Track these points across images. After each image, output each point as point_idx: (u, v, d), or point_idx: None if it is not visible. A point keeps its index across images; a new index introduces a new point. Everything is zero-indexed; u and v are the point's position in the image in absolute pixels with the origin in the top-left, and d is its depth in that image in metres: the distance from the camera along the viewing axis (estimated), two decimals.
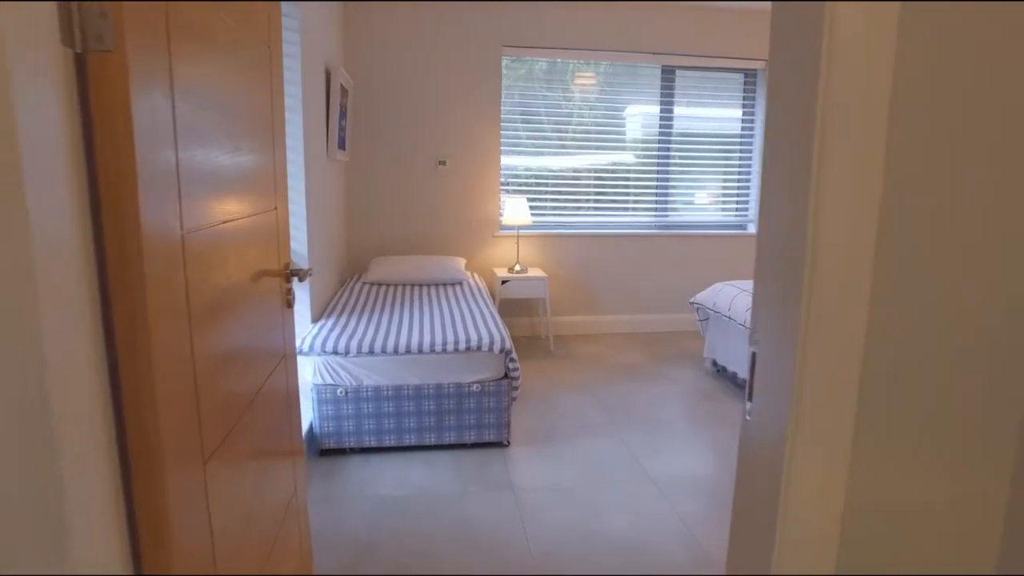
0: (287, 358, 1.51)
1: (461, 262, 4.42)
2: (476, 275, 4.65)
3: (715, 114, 5.15)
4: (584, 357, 4.55)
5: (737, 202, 5.32)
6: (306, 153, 3.01)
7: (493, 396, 2.98)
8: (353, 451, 2.96)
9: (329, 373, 2.86)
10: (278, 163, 1.45)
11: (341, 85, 3.86)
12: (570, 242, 5.03)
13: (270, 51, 1.42)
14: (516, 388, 3.05)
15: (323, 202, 3.55)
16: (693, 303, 4.32)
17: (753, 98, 5.16)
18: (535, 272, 4.73)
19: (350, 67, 4.49)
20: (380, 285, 4.14)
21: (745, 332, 3.76)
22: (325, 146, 3.68)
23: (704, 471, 2.90)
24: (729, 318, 3.87)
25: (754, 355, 0.85)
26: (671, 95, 5.00)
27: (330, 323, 3.09)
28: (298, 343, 2.82)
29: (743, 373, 3.84)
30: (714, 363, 4.26)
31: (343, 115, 4.07)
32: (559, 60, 4.82)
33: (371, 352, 2.82)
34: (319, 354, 2.81)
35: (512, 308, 5.02)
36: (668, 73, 4.97)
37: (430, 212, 4.80)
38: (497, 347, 2.90)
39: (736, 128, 5.20)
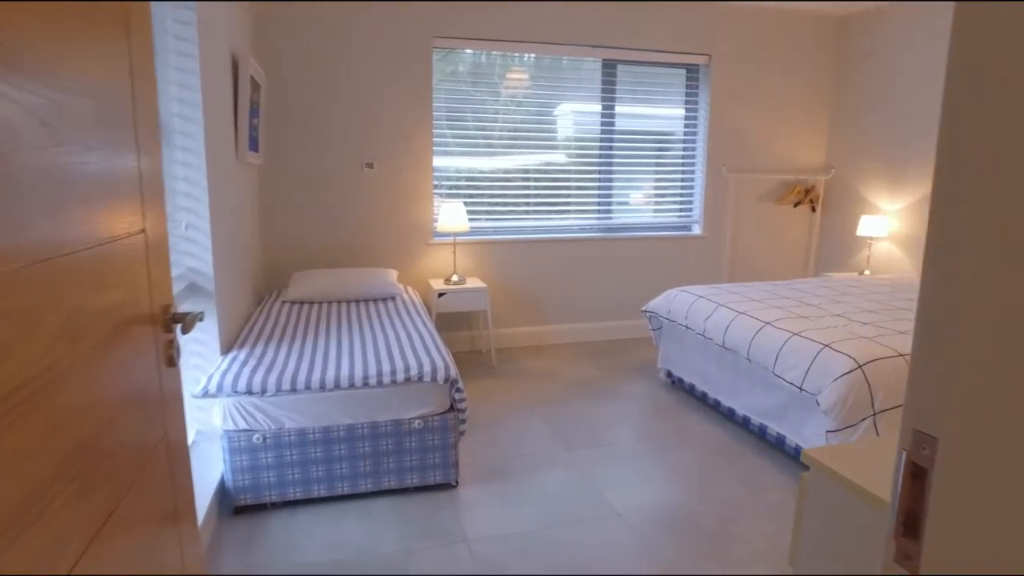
0: (169, 437, 1.10)
1: (393, 274, 4.01)
2: (410, 288, 4.25)
3: (658, 112, 4.93)
4: (531, 373, 4.22)
5: (681, 203, 5.13)
6: (209, 155, 2.54)
7: (438, 432, 2.60)
8: (275, 506, 2.52)
9: (243, 416, 2.41)
10: (147, 169, 1.05)
11: (252, 77, 3.38)
12: (510, 248, 4.70)
13: (129, 21, 1.01)
14: (464, 421, 2.68)
15: (232, 212, 3.08)
16: (645, 311, 4.06)
17: (696, 94, 4.97)
18: (474, 282, 4.37)
19: (261, 58, 4.00)
20: (302, 304, 3.68)
21: (705, 342, 3.52)
22: (234, 147, 3.20)
23: (673, 499, 2.62)
24: (686, 327, 3.63)
25: (915, 467, 0.53)
26: (612, 91, 4.75)
27: (243, 355, 2.63)
28: (203, 383, 2.36)
29: (701, 385, 3.61)
30: (669, 374, 4.01)
31: (255, 112, 3.59)
32: (494, 53, 4.48)
33: (293, 389, 2.39)
34: (230, 395, 2.36)
35: (450, 322, 4.64)
36: (609, 68, 4.71)
37: (357, 220, 4.36)
38: (441, 376, 2.53)
39: (679, 126, 5.00)
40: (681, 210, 5.14)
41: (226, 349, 2.78)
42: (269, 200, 4.18)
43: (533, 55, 4.55)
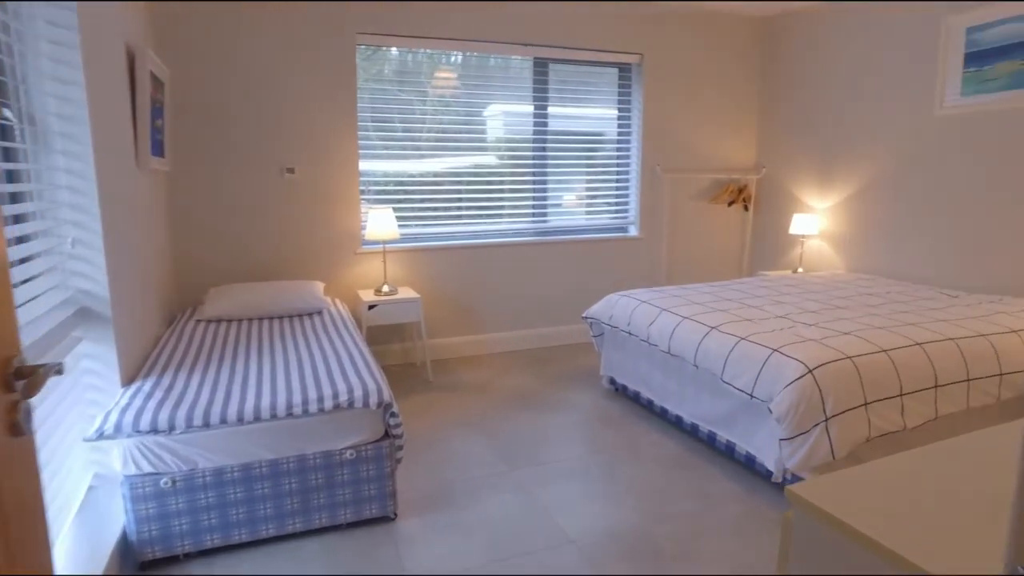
0: (11, 540, 0.84)
1: (319, 287, 3.74)
2: (338, 301, 3.98)
3: (591, 112, 4.82)
4: (469, 385, 4.02)
5: (616, 204, 5.04)
6: (99, 160, 2.23)
7: (372, 462, 2.37)
8: (189, 557, 2.23)
9: (147, 458, 2.11)
10: None
11: (152, 74, 3.05)
12: (442, 255, 4.49)
13: None
14: (400, 448, 2.46)
15: (133, 224, 2.75)
16: (586, 318, 3.93)
17: (629, 94, 4.90)
18: (406, 292, 4.14)
19: (166, 53, 3.64)
20: (220, 322, 3.36)
21: (650, 348, 3.41)
22: (133, 152, 2.87)
23: (627, 520, 2.48)
24: (629, 334, 3.52)
25: None
26: (544, 91, 4.61)
27: (148, 387, 2.32)
28: (98, 423, 2.05)
29: (646, 393, 3.51)
30: (612, 381, 3.90)
31: (158, 113, 3.25)
32: (420, 53, 4.26)
33: (206, 425, 2.11)
34: (131, 435, 2.06)
35: (382, 335, 4.39)
36: (541, 67, 4.57)
37: (278, 229, 4.05)
38: (373, 401, 2.30)
39: (613, 125, 4.91)
40: (617, 211, 5.06)
41: (128, 380, 2.46)
42: (180, 210, 3.82)
43: (461, 54, 4.36)
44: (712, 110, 5.14)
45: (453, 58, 4.36)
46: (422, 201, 4.43)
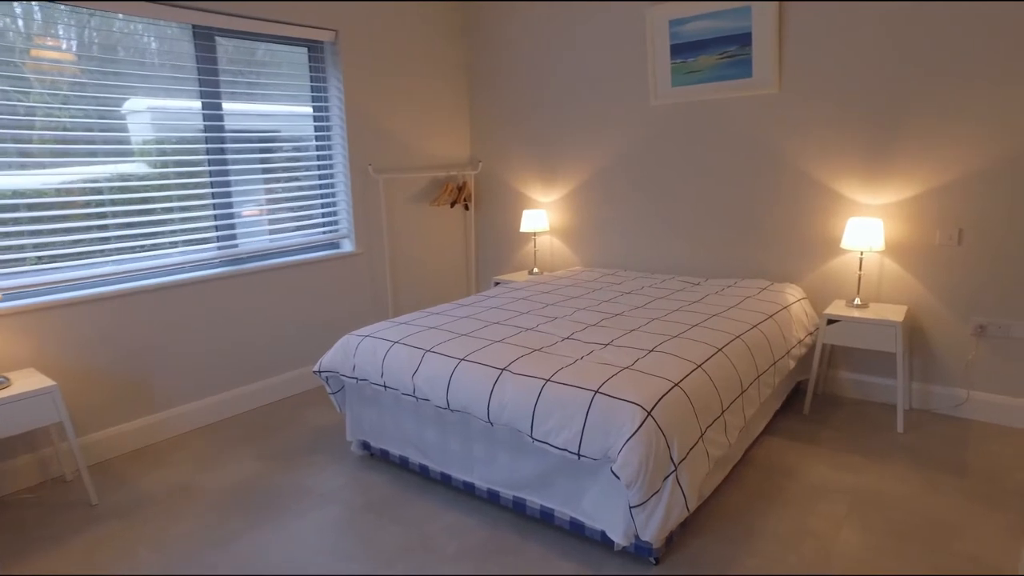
0: None
1: None
2: None
3: (281, 107, 3.79)
4: (159, 496, 2.77)
5: (324, 215, 4.11)
6: None
7: None
8: None
9: None
10: None
11: None
12: (86, 311, 3.07)
13: None
14: None
15: None
16: (319, 372, 2.98)
17: (324, 80, 3.98)
18: (30, 379, 2.69)
19: None
20: None
21: (418, 403, 2.64)
22: None
23: None
24: (385, 387, 2.69)
25: None
26: (215, 75, 3.45)
27: None
28: None
29: (418, 457, 2.74)
30: (366, 446, 3.03)
31: None
32: (7, 16, 2.76)
33: None
34: None
35: None
36: (206, 42, 3.39)
37: None
38: None
39: (310, 120, 3.95)
40: (325, 224, 4.13)
41: None
42: None
43: (68, 11, 2.97)
44: (423, 100, 4.51)
45: (63, 28, 2.95)
46: (37, 234, 2.95)
